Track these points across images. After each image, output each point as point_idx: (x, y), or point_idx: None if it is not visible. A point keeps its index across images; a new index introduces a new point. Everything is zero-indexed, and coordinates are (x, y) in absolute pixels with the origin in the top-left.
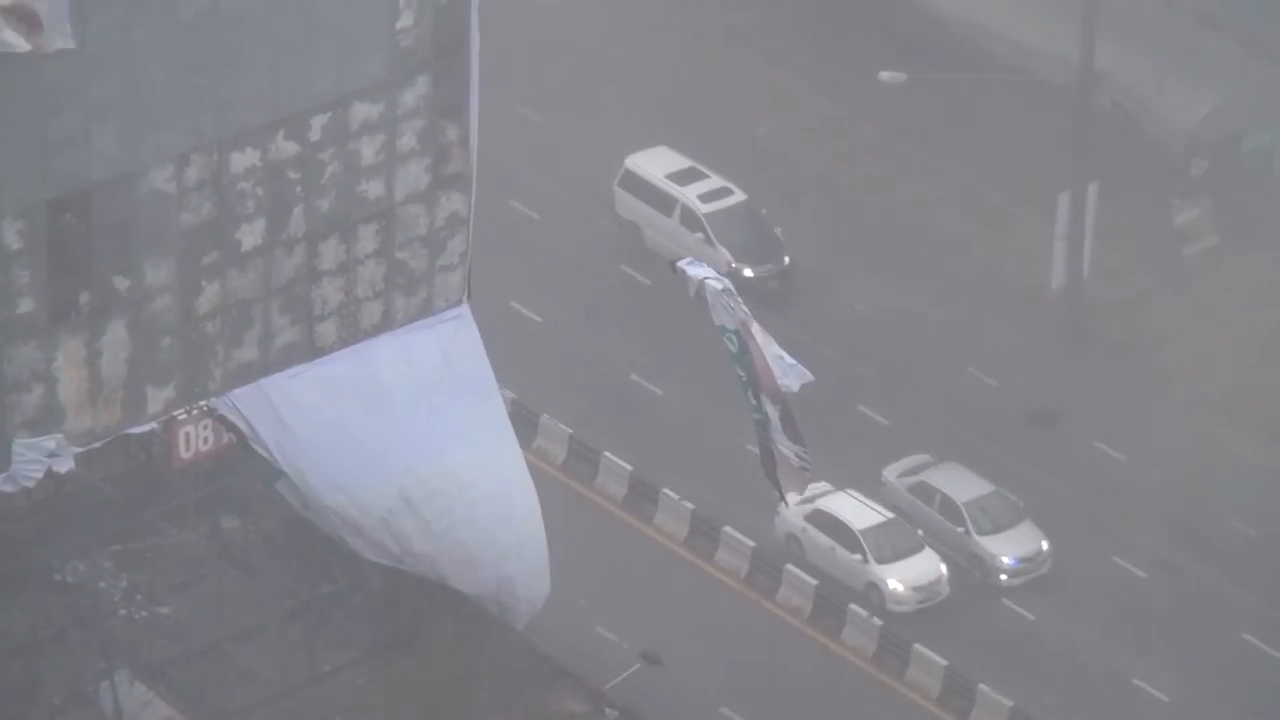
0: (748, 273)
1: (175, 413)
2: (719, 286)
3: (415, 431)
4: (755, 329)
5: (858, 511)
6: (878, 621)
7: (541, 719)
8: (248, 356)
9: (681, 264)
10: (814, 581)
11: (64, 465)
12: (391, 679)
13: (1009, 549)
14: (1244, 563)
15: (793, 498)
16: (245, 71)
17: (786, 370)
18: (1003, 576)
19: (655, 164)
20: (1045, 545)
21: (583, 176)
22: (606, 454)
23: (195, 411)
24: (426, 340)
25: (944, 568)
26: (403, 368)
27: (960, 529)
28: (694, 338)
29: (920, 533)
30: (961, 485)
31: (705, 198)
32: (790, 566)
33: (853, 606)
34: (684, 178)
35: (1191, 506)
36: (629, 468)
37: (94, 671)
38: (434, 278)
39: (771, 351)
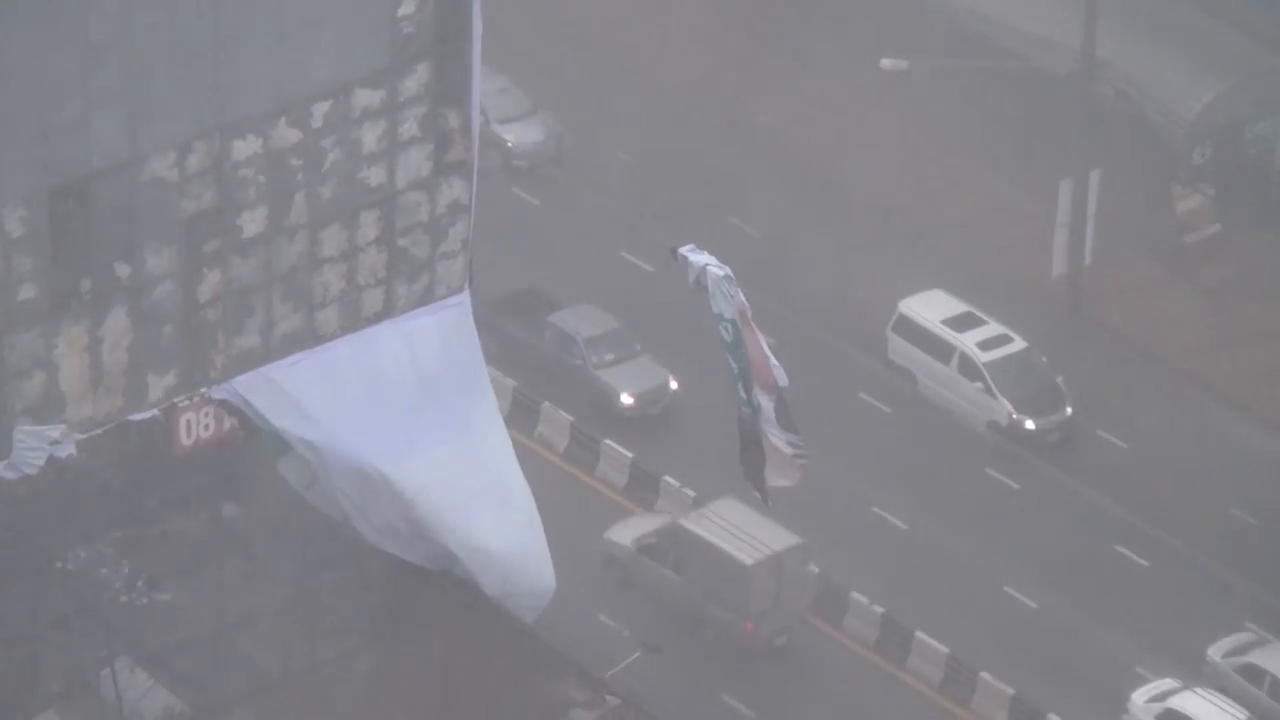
0: (1029, 425)
1: (176, 400)
2: (720, 273)
3: (414, 419)
4: (753, 319)
5: (1213, 712)
6: (879, 609)
7: (542, 706)
8: (249, 344)
9: (683, 250)
10: (815, 570)
11: (65, 452)
12: (392, 666)
13: None
14: (1246, 551)
15: (783, 487)
16: (247, 58)
17: (773, 369)
18: None
19: (930, 308)
20: None
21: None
22: (607, 441)
23: (196, 398)
24: (427, 328)
25: None
26: (403, 355)
27: None
28: (693, 323)
29: None
30: None
31: (984, 345)
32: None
33: (854, 595)
34: (961, 323)
35: (1193, 494)
36: (630, 455)
37: (95, 659)
38: (435, 265)
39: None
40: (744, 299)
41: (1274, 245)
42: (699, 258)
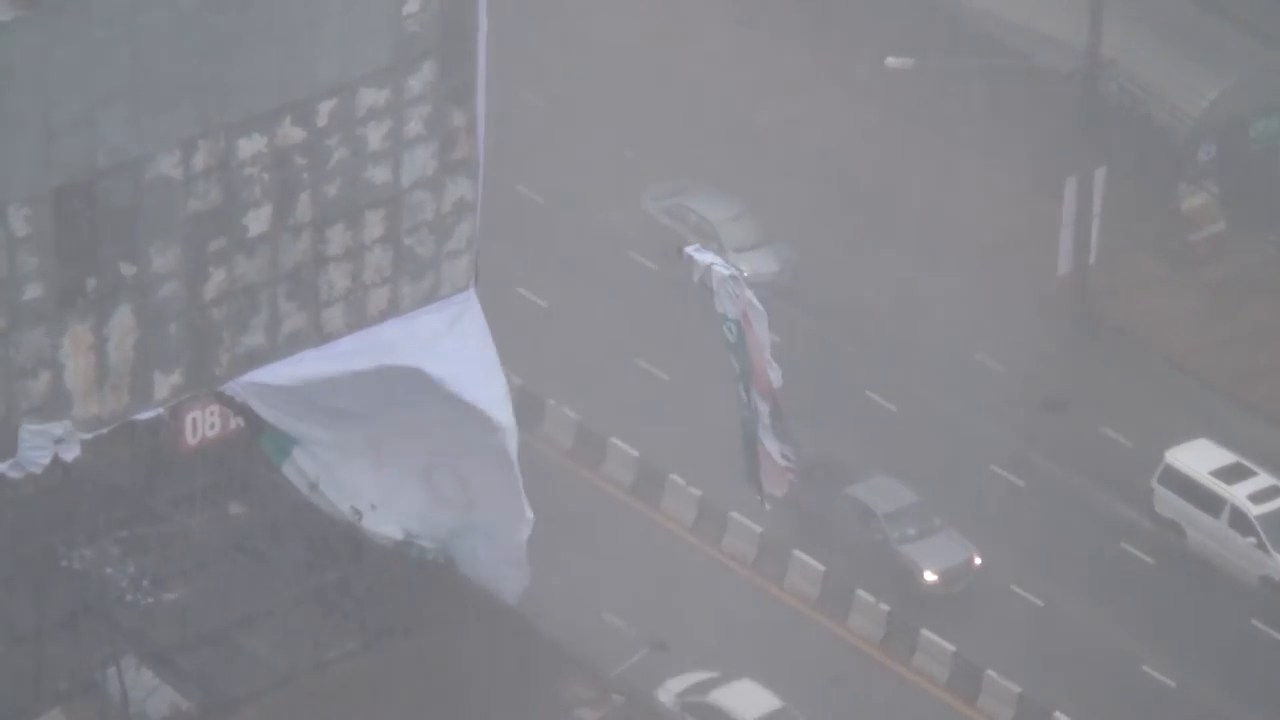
0: None
1: (182, 398)
2: (725, 273)
3: (421, 415)
4: (755, 321)
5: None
6: (884, 607)
7: (548, 705)
8: (254, 342)
9: (689, 249)
10: (821, 567)
11: (70, 451)
12: (397, 665)
13: None
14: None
15: (773, 498)
16: (252, 57)
17: (770, 371)
18: None
19: (1199, 459)
20: None
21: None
22: (613, 440)
23: (202, 397)
24: (433, 326)
25: None
26: (408, 353)
27: None
28: (698, 323)
29: None
30: None
31: (1256, 498)
32: (797, 552)
33: (859, 592)
34: (1231, 474)
35: None
36: (635, 454)
37: (100, 658)
38: (441, 263)
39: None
40: (751, 297)
41: (1278, 243)
42: (704, 257)
